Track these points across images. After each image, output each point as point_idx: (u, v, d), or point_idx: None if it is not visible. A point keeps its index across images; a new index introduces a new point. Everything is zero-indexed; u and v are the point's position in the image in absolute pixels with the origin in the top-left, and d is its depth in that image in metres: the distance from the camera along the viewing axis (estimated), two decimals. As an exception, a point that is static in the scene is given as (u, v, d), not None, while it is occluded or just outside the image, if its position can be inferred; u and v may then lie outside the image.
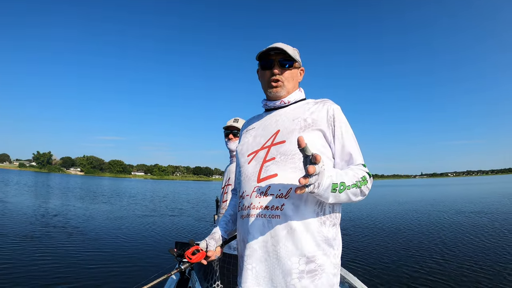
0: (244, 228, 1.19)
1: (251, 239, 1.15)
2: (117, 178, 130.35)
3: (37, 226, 9.88)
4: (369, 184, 1.16)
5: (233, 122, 2.53)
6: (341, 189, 1.05)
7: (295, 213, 1.10)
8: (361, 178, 1.12)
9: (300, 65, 1.38)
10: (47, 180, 52.81)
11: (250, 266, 1.14)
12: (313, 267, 1.08)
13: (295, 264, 1.07)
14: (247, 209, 1.19)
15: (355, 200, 1.14)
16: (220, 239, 1.39)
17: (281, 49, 1.27)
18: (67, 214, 12.81)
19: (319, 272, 1.09)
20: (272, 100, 1.36)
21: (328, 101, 1.29)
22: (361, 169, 1.17)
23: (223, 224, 1.44)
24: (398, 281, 5.39)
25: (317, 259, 1.09)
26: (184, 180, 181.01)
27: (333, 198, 1.05)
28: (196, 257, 1.31)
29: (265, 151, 1.24)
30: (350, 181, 1.09)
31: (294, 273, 1.07)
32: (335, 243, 1.16)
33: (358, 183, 1.11)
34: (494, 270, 5.80)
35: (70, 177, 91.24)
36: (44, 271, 5.55)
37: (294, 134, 1.20)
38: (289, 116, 1.29)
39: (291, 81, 1.33)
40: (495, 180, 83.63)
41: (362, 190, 1.14)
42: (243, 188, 1.25)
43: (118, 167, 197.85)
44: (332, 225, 1.16)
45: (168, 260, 6.49)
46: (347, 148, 1.21)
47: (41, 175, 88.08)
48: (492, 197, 23.96)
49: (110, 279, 5.35)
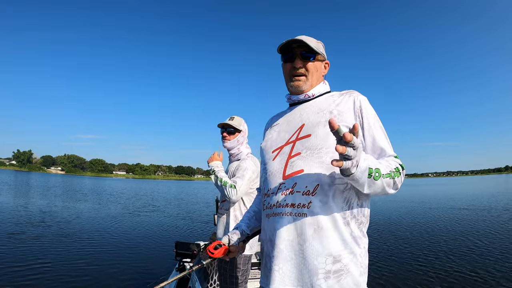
0: (270, 227, 1.16)
1: (277, 239, 1.11)
2: (99, 178, 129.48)
3: (23, 225, 9.73)
4: (401, 177, 1.08)
5: (228, 120, 2.45)
6: (376, 176, 0.97)
7: (323, 211, 1.06)
8: (394, 169, 1.05)
9: (325, 58, 1.31)
10: (27, 179, 52.60)
11: (277, 267, 1.10)
12: (339, 266, 1.04)
13: (322, 264, 1.04)
14: (272, 207, 1.15)
15: (389, 192, 1.06)
16: (243, 234, 1.36)
17: (303, 41, 1.21)
18: (52, 215, 12.49)
19: (344, 272, 1.04)
20: (295, 94, 1.30)
21: (354, 92, 1.23)
22: (394, 160, 1.10)
23: (246, 219, 1.42)
24: (391, 281, 5.38)
25: (343, 258, 1.05)
26: (166, 179, 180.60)
27: (368, 187, 0.98)
28: (218, 252, 1.26)
29: (290, 146, 1.19)
30: (385, 170, 1.01)
31: (321, 273, 1.03)
32: (361, 241, 1.11)
33: (392, 174, 1.03)
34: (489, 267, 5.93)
35: (51, 176, 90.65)
36: (43, 272, 5.43)
37: (319, 127, 1.14)
38: (313, 109, 1.23)
39: (314, 74, 1.26)
40: (476, 180, 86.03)
41: (396, 182, 1.05)
42: (268, 185, 1.21)
43: (99, 166, 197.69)
44: (360, 223, 1.11)
45: (168, 260, 6.43)
46: (377, 141, 1.13)
47: (21, 174, 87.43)
48: (484, 195, 25.14)
49: (110, 279, 5.28)
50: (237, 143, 2.49)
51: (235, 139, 2.48)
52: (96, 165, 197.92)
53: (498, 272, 5.77)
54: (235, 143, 2.48)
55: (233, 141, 2.47)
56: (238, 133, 2.49)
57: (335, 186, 1.09)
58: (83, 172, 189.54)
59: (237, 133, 2.49)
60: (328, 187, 1.08)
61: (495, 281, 5.33)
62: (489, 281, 5.30)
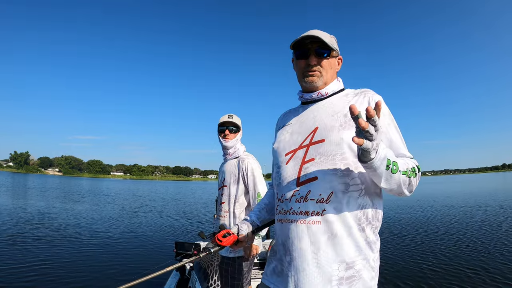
0: (284, 233, 1.15)
1: (290, 245, 1.11)
2: (96, 179, 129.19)
3: (21, 227, 9.73)
4: (417, 179, 1.05)
5: (228, 118, 2.40)
6: (394, 169, 0.95)
7: (337, 218, 1.05)
8: (411, 169, 1.02)
9: (338, 54, 1.28)
10: (25, 181, 52.71)
11: (290, 274, 1.10)
12: (352, 273, 1.04)
13: (335, 271, 1.03)
14: (286, 213, 1.15)
15: (404, 191, 1.03)
16: (253, 224, 1.36)
17: (317, 37, 1.17)
18: (51, 216, 12.53)
19: (356, 278, 1.04)
20: (308, 92, 1.26)
21: (369, 92, 1.19)
22: (411, 160, 1.08)
23: (257, 210, 1.42)
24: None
25: (356, 264, 1.04)
26: (164, 180, 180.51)
27: (386, 179, 0.97)
28: (226, 240, 1.25)
29: (303, 150, 1.16)
30: (402, 166, 0.99)
31: (334, 280, 1.03)
32: (375, 246, 1.10)
33: (409, 172, 1.01)
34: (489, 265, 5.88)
35: (48, 178, 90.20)
36: (42, 274, 5.45)
37: (333, 132, 1.11)
38: (328, 110, 1.19)
39: (329, 71, 1.23)
40: (474, 179, 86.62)
41: (411, 182, 1.03)
42: (282, 191, 1.19)
43: (97, 167, 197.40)
44: (375, 228, 1.10)
45: (168, 260, 6.41)
46: (393, 141, 1.12)
47: (19, 176, 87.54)
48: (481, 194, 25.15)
49: (110, 279, 5.32)
50: (236, 142, 2.46)
51: (235, 138, 2.45)
52: (93, 166, 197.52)
53: (495, 268, 5.79)
54: (235, 142, 2.45)
55: (234, 140, 2.44)
56: (238, 132, 2.47)
57: (349, 193, 1.08)
58: (80, 173, 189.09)
59: (238, 132, 2.47)
60: (342, 194, 1.07)
61: (492, 277, 5.36)
62: (485, 279, 5.33)
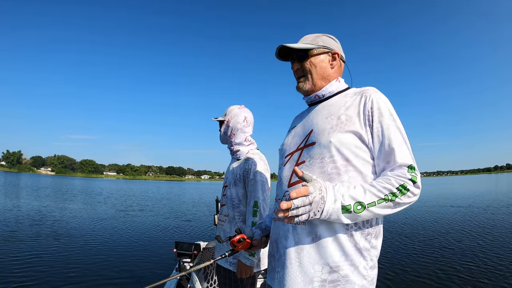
0: (275, 231, 1.20)
1: (279, 243, 1.15)
2: (89, 178, 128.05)
3: (14, 227, 9.56)
4: (410, 192, 0.98)
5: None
6: (358, 209, 0.94)
7: (322, 221, 1.03)
8: (396, 189, 0.96)
9: (329, 49, 1.23)
10: (17, 180, 52.08)
11: (277, 270, 1.14)
12: (336, 277, 1.01)
13: (318, 273, 1.02)
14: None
15: (391, 212, 0.99)
16: (267, 229, 1.38)
17: (285, 47, 1.19)
18: (47, 216, 12.31)
19: (342, 283, 1.01)
20: (306, 95, 1.27)
21: (367, 91, 1.12)
22: (399, 176, 0.98)
23: (271, 215, 1.44)
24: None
25: (341, 269, 1.01)
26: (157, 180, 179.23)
27: (349, 219, 0.96)
28: (241, 245, 1.28)
29: (298, 153, 1.18)
30: (374, 197, 0.96)
31: (316, 281, 1.02)
32: (368, 254, 1.05)
33: (389, 196, 0.95)
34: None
35: (41, 177, 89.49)
36: (42, 274, 5.39)
37: (324, 134, 1.10)
38: (324, 113, 1.17)
39: (314, 71, 1.21)
40: (465, 180, 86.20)
41: (398, 202, 0.97)
42: (277, 191, 1.24)
43: (89, 167, 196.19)
44: (367, 235, 1.05)
45: (168, 260, 6.50)
46: (387, 147, 1.03)
47: (11, 175, 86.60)
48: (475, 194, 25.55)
49: (110, 280, 5.30)
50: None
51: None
52: (86, 165, 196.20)
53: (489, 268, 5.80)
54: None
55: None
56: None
57: None
58: (73, 173, 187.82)
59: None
60: None
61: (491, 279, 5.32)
62: (483, 280, 5.31)
